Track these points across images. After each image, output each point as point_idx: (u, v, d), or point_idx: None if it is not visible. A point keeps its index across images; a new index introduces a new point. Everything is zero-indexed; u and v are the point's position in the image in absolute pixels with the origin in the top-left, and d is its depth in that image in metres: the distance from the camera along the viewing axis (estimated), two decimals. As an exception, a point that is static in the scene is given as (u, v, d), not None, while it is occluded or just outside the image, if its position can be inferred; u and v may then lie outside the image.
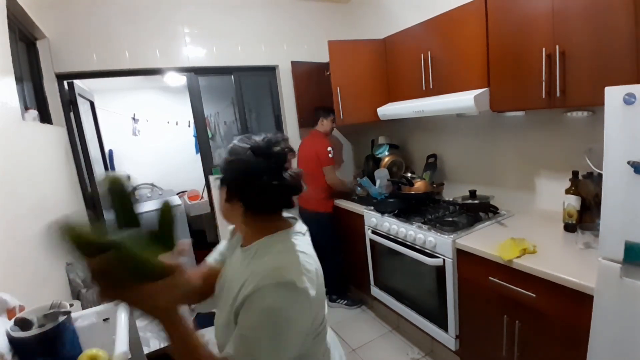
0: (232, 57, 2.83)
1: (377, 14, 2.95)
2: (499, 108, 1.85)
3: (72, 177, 2.14)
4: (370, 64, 2.56)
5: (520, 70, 1.66)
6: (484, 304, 1.71)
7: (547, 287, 1.39)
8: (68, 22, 2.23)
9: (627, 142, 1.05)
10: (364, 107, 2.57)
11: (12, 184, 1.18)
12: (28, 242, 1.21)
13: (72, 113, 2.27)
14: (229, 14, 2.78)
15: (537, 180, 2.03)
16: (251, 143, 0.83)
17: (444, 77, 2.07)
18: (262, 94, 3.33)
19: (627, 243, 1.08)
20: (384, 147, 2.91)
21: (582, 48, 1.42)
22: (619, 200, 1.09)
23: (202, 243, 4.36)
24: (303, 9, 3.10)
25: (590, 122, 1.69)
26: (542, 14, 1.52)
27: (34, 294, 1.13)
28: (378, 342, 2.45)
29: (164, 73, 2.71)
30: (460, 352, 1.94)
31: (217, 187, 0.89)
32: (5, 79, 1.32)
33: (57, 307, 0.80)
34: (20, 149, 1.34)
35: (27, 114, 1.62)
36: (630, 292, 1.09)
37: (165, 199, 0.80)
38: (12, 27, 1.69)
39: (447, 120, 2.52)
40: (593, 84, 1.39)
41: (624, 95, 1.03)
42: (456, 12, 1.93)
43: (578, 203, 1.69)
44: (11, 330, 0.74)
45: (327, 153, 2.69)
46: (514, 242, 1.58)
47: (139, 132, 4.28)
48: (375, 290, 2.58)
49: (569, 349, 1.36)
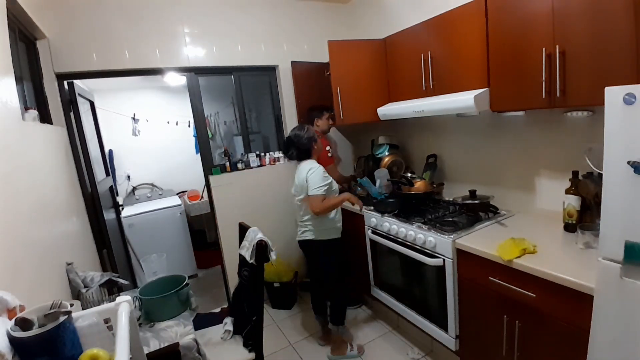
0: (232, 57, 2.83)
1: (377, 14, 2.95)
2: (499, 108, 1.85)
3: (72, 177, 2.13)
4: (370, 64, 2.56)
5: (520, 70, 1.66)
6: (484, 304, 1.71)
7: (547, 287, 1.39)
8: (68, 22, 2.23)
9: (627, 142, 1.05)
10: (364, 107, 2.57)
11: (12, 184, 1.18)
12: (28, 242, 1.21)
13: (72, 113, 2.27)
14: (229, 13, 2.78)
15: (537, 180, 2.03)
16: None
17: (444, 77, 2.07)
18: (262, 94, 3.34)
19: (627, 243, 1.08)
20: (384, 147, 2.91)
21: (582, 48, 1.42)
22: (619, 200, 1.09)
23: (202, 243, 4.36)
24: (303, 9, 3.10)
25: (590, 122, 1.69)
26: (542, 14, 1.53)
27: (34, 294, 1.13)
28: (378, 342, 2.45)
29: (164, 73, 2.71)
30: (460, 352, 1.94)
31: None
32: (5, 79, 1.32)
33: (57, 307, 0.80)
34: (20, 149, 1.34)
35: (27, 114, 1.61)
36: (630, 292, 1.10)
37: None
38: (12, 27, 1.69)
39: (447, 120, 2.52)
40: (593, 84, 1.39)
41: (624, 95, 1.03)
42: (456, 12, 1.93)
43: (578, 203, 1.69)
44: (12, 330, 0.74)
45: (326, 153, 2.68)
46: (514, 242, 1.58)
47: (139, 132, 4.28)
48: (375, 290, 2.58)
49: (569, 349, 1.36)
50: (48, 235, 1.45)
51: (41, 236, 1.36)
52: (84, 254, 2.04)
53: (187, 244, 3.89)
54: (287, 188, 3.10)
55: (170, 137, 4.43)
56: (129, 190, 4.34)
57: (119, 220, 3.04)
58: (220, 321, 1.89)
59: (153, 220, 3.68)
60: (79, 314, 0.86)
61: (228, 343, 1.78)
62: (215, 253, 3.18)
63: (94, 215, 2.34)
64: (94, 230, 2.33)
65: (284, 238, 3.16)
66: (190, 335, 1.38)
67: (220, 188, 2.90)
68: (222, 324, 1.86)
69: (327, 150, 2.69)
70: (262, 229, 1.72)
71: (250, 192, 3.00)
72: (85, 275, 1.62)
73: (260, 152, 3.11)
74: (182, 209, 3.86)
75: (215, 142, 4.21)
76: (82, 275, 1.59)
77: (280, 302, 3.02)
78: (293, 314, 2.95)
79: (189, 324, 1.49)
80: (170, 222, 3.78)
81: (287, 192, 3.09)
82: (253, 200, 3.01)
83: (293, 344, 2.53)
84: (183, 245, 3.85)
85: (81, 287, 1.53)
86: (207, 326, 1.90)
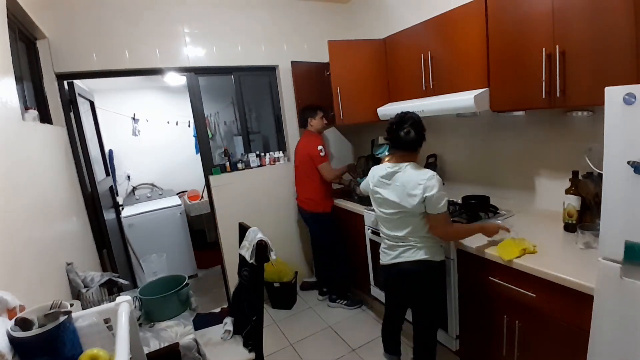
0: (232, 57, 2.83)
1: (378, 14, 2.95)
2: (499, 108, 1.85)
3: (72, 177, 2.13)
4: (370, 64, 2.56)
5: (520, 70, 1.66)
6: (484, 304, 1.71)
7: (547, 287, 1.39)
8: (68, 22, 2.23)
9: (627, 142, 1.05)
10: (364, 107, 2.58)
11: (12, 184, 1.18)
12: (28, 242, 1.21)
13: (72, 113, 2.27)
14: (228, 13, 2.78)
15: (537, 180, 2.03)
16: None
17: (444, 77, 2.07)
18: (262, 94, 3.34)
19: (627, 243, 1.08)
20: (384, 147, 2.90)
21: (582, 48, 1.42)
22: (619, 200, 1.09)
23: (202, 243, 4.37)
24: (303, 9, 3.10)
25: (590, 122, 1.69)
26: (542, 14, 1.53)
27: (34, 294, 1.13)
28: (378, 342, 2.44)
29: (164, 73, 2.71)
30: (460, 352, 1.94)
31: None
32: (5, 79, 1.32)
33: (57, 307, 0.80)
34: (20, 149, 1.34)
35: (27, 114, 1.61)
36: (630, 292, 1.09)
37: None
38: (12, 27, 1.69)
39: (447, 120, 2.52)
40: (593, 84, 1.39)
41: (624, 95, 1.03)
42: (456, 12, 1.93)
43: (578, 203, 1.69)
44: (12, 330, 0.74)
45: (318, 152, 2.68)
46: (514, 242, 1.58)
47: (139, 132, 4.28)
48: (375, 290, 2.58)
49: (569, 349, 1.36)
50: (48, 235, 1.45)
51: (41, 236, 1.36)
52: (84, 254, 2.04)
53: (187, 244, 3.89)
54: (287, 188, 3.12)
55: (170, 137, 4.43)
56: (129, 190, 4.34)
57: (119, 220, 3.04)
58: (220, 321, 1.89)
59: (153, 220, 3.68)
60: (79, 314, 0.86)
61: (228, 343, 1.78)
62: (215, 253, 3.18)
63: (94, 215, 2.34)
64: (94, 230, 2.33)
65: (284, 238, 3.16)
66: (190, 335, 1.38)
67: (220, 188, 2.90)
68: (222, 324, 1.86)
69: (319, 149, 2.68)
70: (262, 229, 1.72)
71: (251, 192, 3.00)
72: (85, 275, 1.62)
73: (260, 152, 3.11)
74: (182, 209, 3.86)
75: (215, 142, 4.22)
76: (82, 275, 1.59)
77: (280, 302, 3.02)
78: (293, 314, 2.95)
79: (189, 324, 1.49)
80: (170, 222, 3.78)
81: (287, 192, 3.11)
82: (253, 200, 3.01)
83: (293, 344, 2.53)
84: (183, 245, 3.85)
85: (81, 287, 1.53)
86: (207, 326, 1.90)
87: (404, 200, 1.63)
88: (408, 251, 1.69)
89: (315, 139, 2.75)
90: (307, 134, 2.84)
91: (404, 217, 1.66)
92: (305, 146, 2.79)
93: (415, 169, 1.64)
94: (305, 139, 2.83)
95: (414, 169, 1.63)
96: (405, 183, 1.62)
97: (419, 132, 1.64)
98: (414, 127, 1.63)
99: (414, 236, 1.67)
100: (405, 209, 1.63)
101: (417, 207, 1.59)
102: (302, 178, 2.86)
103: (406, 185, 1.61)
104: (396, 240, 1.73)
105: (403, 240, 1.70)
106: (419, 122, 1.66)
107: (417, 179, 1.58)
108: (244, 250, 1.71)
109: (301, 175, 2.87)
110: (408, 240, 1.69)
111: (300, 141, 2.91)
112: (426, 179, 1.57)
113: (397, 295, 1.93)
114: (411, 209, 1.61)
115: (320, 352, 2.41)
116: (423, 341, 1.82)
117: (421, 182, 1.57)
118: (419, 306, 1.79)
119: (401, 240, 1.71)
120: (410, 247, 1.68)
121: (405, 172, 1.64)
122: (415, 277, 1.70)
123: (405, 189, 1.62)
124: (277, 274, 2.94)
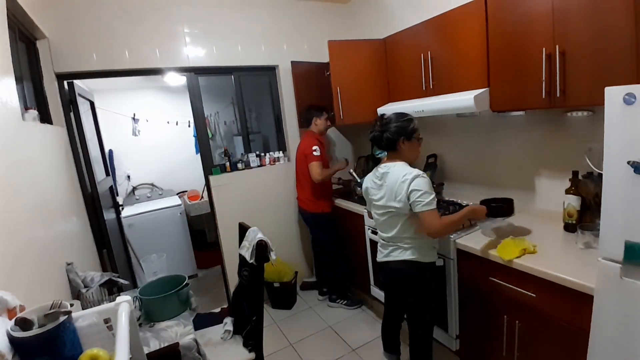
0: (232, 57, 2.83)
1: (378, 14, 2.95)
2: (498, 108, 1.85)
3: (72, 177, 2.13)
4: (370, 64, 2.56)
5: (520, 70, 1.66)
6: (484, 304, 1.71)
7: (547, 287, 1.39)
8: (68, 22, 2.23)
9: (627, 142, 1.05)
10: (364, 107, 2.57)
11: (12, 184, 1.18)
12: (28, 242, 1.21)
13: (72, 113, 2.27)
14: (228, 14, 2.78)
15: (537, 180, 2.03)
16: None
17: (444, 77, 2.07)
18: (262, 94, 3.34)
19: (627, 243, 1.08)
20: (384, 147, 2.90)
21: (582, 48, 1.42)
22: (619, 200, 1.09)
23: (202, 243, 4.37)
24: (303, 9, 3.10)
25: (590, 122, 1.69)
26: (542, 14, 1.52)
27: (34, 294, 1.12)
28: (378, 342, 2.44)
29: (164, 73, 2.71)
30: (461, 352, 1.94)
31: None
32: (5, 79, 1.32)
33: (57, 307, 0.80)
34: (20, 149, 1.34)
35: (27, 114, 1.61)
36: (630, 292, 1.09)
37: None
38: (12, 27, 1.69)
39: (447, 120, 2.52)
40: (593, 84, 1.39)
41: (624, 95, 1.03)
42: (456, 12, 1.93)
43: (578, 203, 1.69)
44: (12, 330, 0.74)
45: (311, 152, 2.67)
46: (514, 242, 1.58)
47: (139, 132, 4.28)
48: (375, 290, 2.58)
49: (569, 349, 1.36)
50: (48, 235, 1.45)
51: (41, 236, 1.36)
52: (84, 254, 2.04)
53: (187, 244, 3.89)
54: (287, 188, 3.12)
55: (170, 137, 4.43)
56: (129, 190, 4.34)
57: (119, 220, 3.04)
58: (220, 321, 1.89)
59: (153, 220, 3.68)
60: (79, 314, 0.86)
61: (228, 343, 1.78)
62: (215, 253, 3.18)
63: (94, 215, 2.34)
64: (94, 230, 2.33)
65: (284, 238, 3.16)
66: (190, 335, 1.38)
67: (220, 188, 2.89)
68: (222, 324, 1.86)
69: (314, 149, 2.66)
70: (262, 229, 1.72)
71: (251, 192, 3.00)
72: (85, 275, 1.62)
73: (260, 152, 3.11)
74: (182, 209, 3.86)
75: (215, 142, 4.21)
76: (82, 275, 1.59)
77: (280, 302, 3.02)
78: (293, 314, 2.95)
79: (189, 324, 1.49)
80: (170, 222, 3.78)
81: (287, 192, 3.11)
82: (253, 200, 3.00)
83: (293, 344, 2.53)
84: (183, 245, 3.85)
85: (81, 287, 1.53)
86: (207, 326, 1.90)
87: (390, 200, 1.63)
88: (396, 251, 1.70)
89: (311, 140, 2.74)
90: (307, 135, 2.84)
91: (392, 217, 1.66)
92: (302, 147, 2.80)
93: (402, 168, 1.62)
94: (305, 139, 2.83)
95: (401, 168, 1.62)
96: (392, 183, 1.61)
97: (395, 131, 1.63)
98: (386, 127, 1.64)
99: (401, 236, 1.67)
100: (392, 208, 1.63)
101: (403, 206, 1.58)
102: (301, 178, 2.87)
103: (392, 185, 1.61)
104: (387, 240, 1.74)
105: (392, 240, 1.71)
106: (393, 121, 1.65)
107: (402, 178, 1.57)
108: (244, 250, 1.71)
109: (300, 176, 2.88)
110: (396, 240, 1.69)
111: (300, 142, 2.91)
112: (410, 178, 1.54)
113: (392, 294, 1.96)
114: (398, 209, 1.61)
115: (320, 352, 2.41)
116: (417, 339, 1.81)
117: (404, 180, 1.56)
118: (409, 304, 1.80)
119: (391, 240, 1.72)
120: (398, 247, 1.69)
121: (393, 172, 1.63)
122: (404, 277, 1.71)
123: (392, 189, 1.61)
124: (277, 274, 2.94)
